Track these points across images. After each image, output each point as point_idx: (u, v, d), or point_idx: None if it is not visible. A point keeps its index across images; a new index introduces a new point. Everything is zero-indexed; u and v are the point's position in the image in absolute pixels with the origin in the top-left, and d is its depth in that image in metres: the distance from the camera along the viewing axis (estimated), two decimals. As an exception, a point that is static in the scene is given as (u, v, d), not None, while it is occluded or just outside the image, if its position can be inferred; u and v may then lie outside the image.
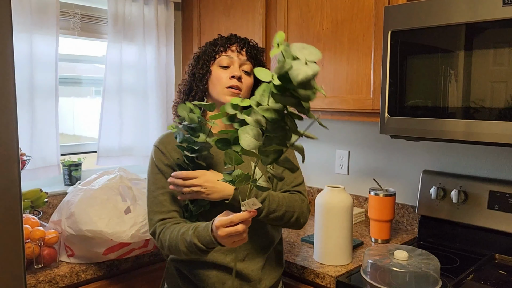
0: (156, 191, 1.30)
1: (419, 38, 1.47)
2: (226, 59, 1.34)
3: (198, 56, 1.39)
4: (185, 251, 1.18)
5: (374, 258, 1.43)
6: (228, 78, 1.32)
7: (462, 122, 1.39)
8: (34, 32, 1.87)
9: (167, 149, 1.32)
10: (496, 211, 1.65)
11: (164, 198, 1.29)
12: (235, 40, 1.37)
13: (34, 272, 1.47)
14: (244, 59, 1.35)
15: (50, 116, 1.94)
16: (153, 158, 1.33)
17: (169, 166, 1.31)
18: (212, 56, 1.35)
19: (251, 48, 1.38)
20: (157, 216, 1.28)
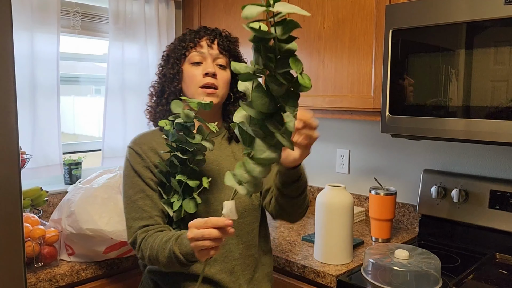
0: (135, 195, 1.18)
1: (420, 37, 1.47)
2: (197, 55, 1.23)
3: (167, 55, 1.29)
4: (165, 262, 1.07)
5: (374, 257, 1.43)
6: (201, 76, 1.21)
7: (463, 121, 1.39)
8: (35, 30, 1.86)
9: (143, 150, 1.22)
10: (497, 210, 1.65)
11: (145, 202, 1.17)
12: (205, 33, 1.26)
13: (34, 271, 1.47)
14: (217, 53, 1.24)
15: (52, 115, 1.94)
16: (129, 161, 1.22)
17: (147, 167, 1.20)
18: (181, 53, 1.25)
19: (224, 39, 1.26)
20: (138, 223, 1.17)
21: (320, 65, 1.83)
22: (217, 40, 1.25)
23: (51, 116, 1.94)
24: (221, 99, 1.26)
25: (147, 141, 1.23)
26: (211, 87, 1.21)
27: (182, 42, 1.26)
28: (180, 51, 1.25)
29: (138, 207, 1.17)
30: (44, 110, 1.92)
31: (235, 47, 1.29)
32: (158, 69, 1.30)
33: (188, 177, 1.16)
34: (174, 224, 1.19)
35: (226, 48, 1.26)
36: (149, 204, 1.17)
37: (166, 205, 1.18)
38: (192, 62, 1.23)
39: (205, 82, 1.21)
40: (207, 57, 1.23)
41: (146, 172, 1.20)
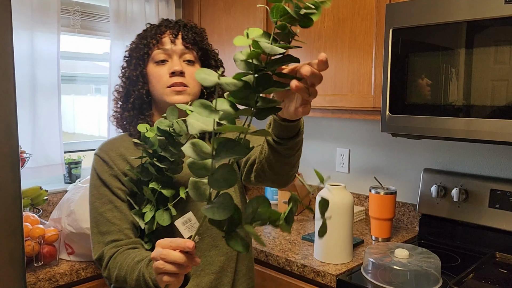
0: (102, 207, 1.07)
1: (421, 36, 1.46)
2: (161, 53, 1.12)
3: (129, 55, 1.17)
4: (133, 285, 0.94)
5: (374, 256, 1.43)
6: (167, 75, 1.10)
7: (463, 120, 1.39)
8: (35, 29, 1.86)
9: (110, 157, 1.10)
10: (497, 209, 1.65)
11: (113, 215, 1.06)
12: (167, 27, 1.14)
13: (34, 270, 1.47)
14: (182, 48, 1.12)
15: (53, 115, 1.94)
16: (95, 169, 1.11)
17: (115, 176, 1.09)
18: (144, 52, 1.13)
19: (188, 32, 1.14)
20: (106, 238, 1.05)
21: (320, 64, 1.82)
22: (181, 34, 1.13)
23: (52, 115, 1.94)
24: (194, 97, 1.13)
25: (115, 147, 1.12)
26: (180, 85, 1.11)
27: (143, 39, 1.14)
28: (142, 50, 1.13)
29: (106, 220, 1.06)
30: (45, 110, 1.92)
31: (202, 39, 1.17)
32: (120, 71, 1.19)
33: (163, 185, 1.04)
34: (145, 237, 1.08)
35: (192, 42, 1.14)
36: (118, 216, 1.06)
37: (137, 216, 1.06)
38: (156, 61, 1.12)
39: (172, 82, 1.10)
40: (172, 54, 1.12)
41: (113, 181, 1.08)
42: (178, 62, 1.11)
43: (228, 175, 0.58)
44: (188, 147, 0.58)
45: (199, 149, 0.58)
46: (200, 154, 0.58)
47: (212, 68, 1.18)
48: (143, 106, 1.15)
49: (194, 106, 0.58)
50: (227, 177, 0.58)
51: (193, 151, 0.58)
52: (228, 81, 0.58)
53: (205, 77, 0.58)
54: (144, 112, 1.15)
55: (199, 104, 0.58)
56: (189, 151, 0.58)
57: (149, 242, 1.08)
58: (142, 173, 1.04)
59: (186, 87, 1.10)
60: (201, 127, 0.57)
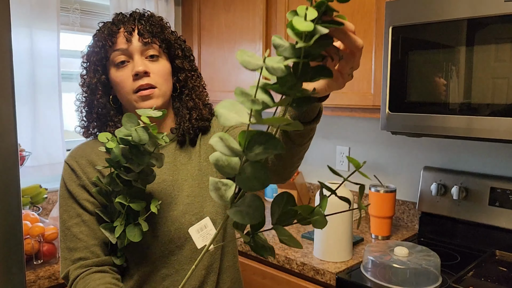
0: (69, 221, 0.97)
1: (421, 34, 1.46)
2: (119, 54, 0.99)
3: (87, 61, 1.03)
4: None
5: (374, 254, 1.43)
6: (131, 78, 0.98)
7: (463, 118, 1.38)
8: (35, 27, 1.86)
9: (80, 165, 1.00)
10: (497, 207, 1.64)
11: (80, 229, 0.96)
12: (119, 25, 1.01)
13: (34, 268, 1.47)
14: (140, 45, 0.99)
15: (54, 113, 1.94)
16: (63, 179, 1.01)
17: (83, 187, 0.98)
18: (101, 56, 1.00)
19: (145, 24, 1.01)
20: (73, 255, 0.96)
21: (320, 62, 1.82)
22: (138, 29, 1.00)
23: (53, 113, 1.94)
24: (165, 98, 1.02)
25: (85, 153, 1.01)
26: (148, 88, 0.98)
27: (99, 41, 1.01)
28: (99, 54, 1.00)
29: (73, 236, 0.97)
30: (46, 108, 1.91)
31: (162, 30, 1.03)
32: (80, 79, 1.06)
33: (133, 198, 0.94)
34: (118, 252, 1.00)
35: (151, 34, 1.00)
36: (85, 232, 0.97)
37: (107, 230, 0.97)
38: (116, 64, 0.99)
39: (138, 86, 0.97)
40: (132, 53, 0.99)
41: (81, 192, 0.98)
42: (140, 61, 0.98)
43: (260, 173, 0.51)
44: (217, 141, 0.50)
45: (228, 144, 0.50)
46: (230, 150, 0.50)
47: (180, 59, 1.05)
48: (111, 113, 1.03)
49: (236, 94, 0.50)
50: (259, 176, 0.51)
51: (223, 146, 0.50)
52: (275, 65, 0.50)
53: (249, 60, 0.50)
54: (113, 118, 1.03)
55: (240, 92, 0.49)
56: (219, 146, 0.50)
57: (121, 257, 1.00)
58: (111, 184, 0.93)
59: (154, 88, 0.98)
60: (236, 120, 0.48)
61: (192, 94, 1.06)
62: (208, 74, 2.30)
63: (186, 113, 1.05)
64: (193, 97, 1.06)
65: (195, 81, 1.07)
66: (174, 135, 1.07)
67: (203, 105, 1.07)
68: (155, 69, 0.99)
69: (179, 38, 1.09)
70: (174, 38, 1.06)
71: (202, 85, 1.10)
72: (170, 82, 1.04)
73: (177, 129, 1.05)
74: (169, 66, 1.04)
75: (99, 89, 1.01)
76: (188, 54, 1.09)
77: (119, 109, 1.06)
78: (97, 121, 1.03)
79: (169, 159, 1.04)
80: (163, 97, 1.01)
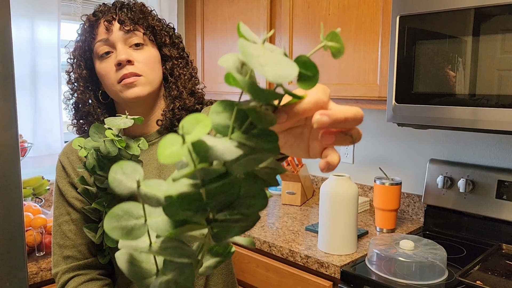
0: (60, 218, 0.97)
1: (428, 23, 1.43)
2: (101, 45, 0.94)
3: (73, 56, 1.00)
4: None
5: (379, 247, 1.42)
6: (114, 68, 0.93)
7: (470, 109, 1.36)
8: (36, 17, 1.84)
9: (70, 161, 0.97)
10: (504, 200, 1.62)
11: (69, 228, 0.96)
12: (99, 15, 0.96)
13: (36, 260, 1.47)
14: (122, 33, 0.94)
15: (54, 103, 1.93)
16: (56, 174, 1.00)
17: (72, 184, 0.97)
18: (84, 49, 0.97)
19: (127, 12, 0.96)
20: (62, 252, 0.96)
21: (325, 53, 1.80)
22: (118, 17, 0.95)
23: (53, 104, 1.93)
24: (153, 86, 0.96)
25: (76, 149, 0.97)
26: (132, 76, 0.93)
27: (81, 35, 0.97)
28: (82, 47, 0.97)
29: (62, 233, 0.96)
30: (46, 99, 1.91)
31: (145, 16, 0.98)
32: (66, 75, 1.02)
33: (109, 203, 0.91)
34: (105, 250, 0.99)
35: (134, 21, 0.95)
36: (73, 230, 0.96)
37: (90, 231, 0.95)
38: (100, 56, 0.95)
39: (122, 75, 0.92)
40: (115, 42, 0.94)
41: (70, 190, 0.97)
42: (123, 50, 0.93)
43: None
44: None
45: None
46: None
47: (167, 46, 1.00)
48: (98, 111, 0.99)
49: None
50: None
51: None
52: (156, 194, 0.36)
53: (121, 179, 0.36)
54: (100, 117, 0.99)
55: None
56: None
57: (108, 255, 0.98)
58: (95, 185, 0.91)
59: (139, 76, 0.93)
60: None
61: (178, 82, 0.99)
62: (211, 66, 2.27)
63: (170, 102, 0.99)
64: (178, 85, 0.99)
65: (182, 68, 1.01)
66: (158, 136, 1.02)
67: (188, 94, 1.00)
68: (139, 57, 0.94)
69: (167, 25, 1.04)
70: (160, 25, 1.01)
71: (190, 73, 1.02)
72: (159, 71, 0.98)
73: (162, 120, 0.99)
74: (157, 53, 0.98)
75: (80, 85, 0.97)
76: (177, 41, 1.04)
77: (110, 103, 1.02)
78: (87, 116, 0.99)
79: (155, 157, 0.99)
80: (150, 85, 0.95)
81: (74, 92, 0.99)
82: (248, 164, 0.34)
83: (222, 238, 0.36)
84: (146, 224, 0.36)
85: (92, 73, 0.98)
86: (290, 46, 1.90)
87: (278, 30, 1.97)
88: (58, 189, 0.98)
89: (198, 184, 0.35)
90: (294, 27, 1.88)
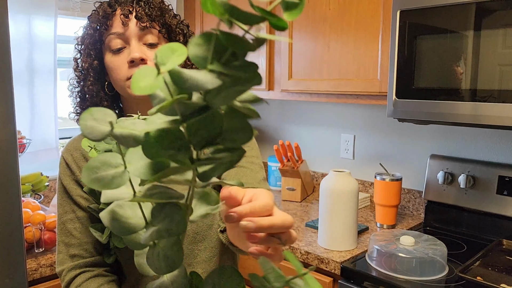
0: (65, 215, 0.96)
1: (428, 18, 1.42)
2: (115, 39, 0.92)
3: (81, 43, 0.97)
4: None
5: (380, 243, 1.41)
6: (126, 65, 0.92)
7: (471, 105, 1.35)
8: (33, 12, 1.83)
9: (74, 158, 0.96)
10: (505, 196, 1.61)
11: (74, 226, 0.95)
12: (116, 6, 0.93)
13: (35, 256, 1.46)
14: (138, 30, 0.92)
15: (49, 98, 1.93)
16: (59, 172, 0.98)
17: (77, 182, 0.95)
18: (95, 39, 0.94)
19: (144, 6, 0.93)
20: (67, 250, 0.95)
21: (325, 48, 1.78)
22: (135, 12, 0.92)
23: (48, 99, 1.92)
24: None
25: (79, 146, 0.97)
26: None
27: (93, 23, 0.94)
28: (92, 36, 0.94)
29: (67, 231, 0.95)
30: (42, 94, 1.90)
31: (162, 13, 0.95)
32: (73, 63, 0.99)
33: None
34: (111, 250, 0.97)
35: (152, 18, 0.93)
36: (79, 228, 0.95)
37: (97, 230, 0.93)
38: (112, 50, 0.93)
39: (131, 74, 0.91)
40: (129, 38, 0.92)
41: (75, 188, 0.95)
42: (137, 47, 0.91)
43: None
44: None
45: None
46: None
47: None
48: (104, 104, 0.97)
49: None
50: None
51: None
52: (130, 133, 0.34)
53: (93, 125, 0.34)
54: (110, 108, 0.96)
55: None
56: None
57: (113, 255, 0.97)
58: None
59: None
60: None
61: None
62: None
63: None
64: None
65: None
66: None
67: None
68: (153, 56, 0.90)
69: (182, 22, 1.01)
70: (176, 22, 0.98)
71: None
72: None
73: None
74: None
75: (90, 75, 0.95)
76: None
77: (116, 96, 1.00)
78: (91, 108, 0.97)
79: None
80: None
81: (81, 81, 0.97)
82: (229, 96, 0.33)
83: (208, 176, 0.36)
84: (126, 172, 0.35)
85: (101, 64, 0.96)
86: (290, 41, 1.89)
87: (278, 25, 1.95)
88: (62, 187, 0.96)
89: (177, 120, 0.33)
90: (294, 22, 1.87)
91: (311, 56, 1.83)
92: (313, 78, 1.82)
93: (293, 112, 2.34)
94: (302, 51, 1.86)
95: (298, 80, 1.88)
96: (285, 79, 1.92)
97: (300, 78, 1.88)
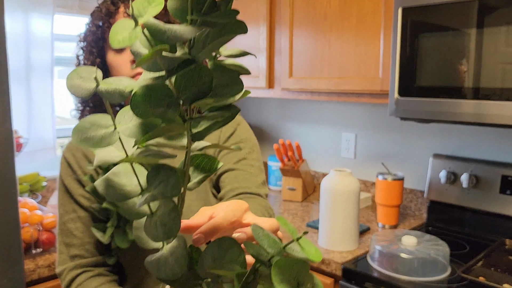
0: (66, 215, 0.95)
1: (431, 16, 1.40)
2: None
3: (84, 40, 0.96)
4: None
5: (381, 243, 1.39)
6: (129, 64, 0.92)
7: (474, 103, 1.33)
8: (30, 10, 1.82)
9: (75, 158, 0.96)
10: (508, 196, 1.60)
11: (75, 226, 0.94)
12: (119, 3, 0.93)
13: (33, 257, 1.45)
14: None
15: (46, 97, 1.92)
16: (60, 171, 0.98)
17: (78, 181, 0.95)
18: (98, 37, 0.93)
19: None
20: (69, 251, 0.94)
21: (326, 46, 1.77)
22: None
23: (46, 98, 1.91)
24: None
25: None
26: None
27: (96, 21, 0.94)
28: (95, 34, 0.93)
29: (68, 231, 0.94)
30: (39, 92, 1.89)
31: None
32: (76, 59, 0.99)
33: None
34: (112, 251, 0.97)
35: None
36: (81, 228, 0.94)
37: (98, 230, 0.93)
38: (114, 48, 0.91)
39: (135, 73, 0.91)
40: None
41: (77, 187, 0.95)
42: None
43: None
44: None
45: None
46: None
47: None
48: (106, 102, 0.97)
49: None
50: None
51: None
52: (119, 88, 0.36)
53: (79, 84, 0.34)
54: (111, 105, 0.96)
55: None
56: None
57: (114, 256, 0.97)
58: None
59: None
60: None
61: None
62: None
63: None
64: None
65: None
66: None
67: None
68: None
69: None
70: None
71: None
72: None
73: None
74: None
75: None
76: None
77: None
78: (92, 107, 0.97)
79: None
80: None
81: None
82: (213, 47, 0.33)
83: (202, 135, 0.36)
84: (116, 132, 0.35)
85: (103, 61, 0.96)
86: (290, 38, 1.87)
87: (278, 22, 1.93)
88: (63, 186, 0.95)
89: (162, 76, 0.33)
90: (295, 20, 1.85)
91: (311, 54, 1.81)
92: (313, 76, 1.80)
93: (294, 110, 2.32)
94: (303, 49, 1.84)
95: (298, 79, 1.86)
96: (286, 77, 1.91)
97: (300, 77, 1.86)
